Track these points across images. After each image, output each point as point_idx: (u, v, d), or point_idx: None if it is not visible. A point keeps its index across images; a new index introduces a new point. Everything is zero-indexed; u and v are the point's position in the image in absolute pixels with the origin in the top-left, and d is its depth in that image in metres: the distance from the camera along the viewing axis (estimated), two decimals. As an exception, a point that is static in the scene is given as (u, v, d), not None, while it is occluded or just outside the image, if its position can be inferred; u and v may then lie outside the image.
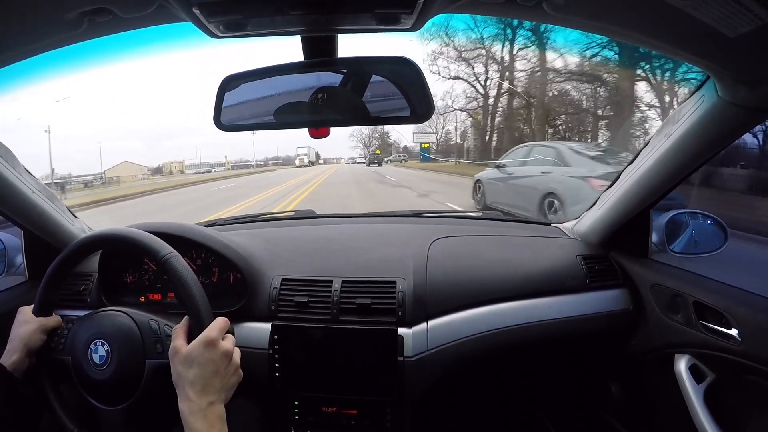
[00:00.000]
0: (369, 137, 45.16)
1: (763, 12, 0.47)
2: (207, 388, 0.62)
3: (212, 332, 0.65)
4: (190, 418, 0.60)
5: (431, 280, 1.01)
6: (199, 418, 0.60)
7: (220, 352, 0.65)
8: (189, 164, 38.81)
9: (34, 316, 0.77)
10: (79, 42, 0.61)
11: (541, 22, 0.60)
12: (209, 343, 0.64)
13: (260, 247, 1.11)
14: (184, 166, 37.86)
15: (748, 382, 0.84)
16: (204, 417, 0.61)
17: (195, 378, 0.62)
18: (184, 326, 0.69)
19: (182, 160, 38.44)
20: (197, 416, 0.60)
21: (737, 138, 0.80)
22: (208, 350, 0.64)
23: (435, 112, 1.49)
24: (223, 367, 0.65)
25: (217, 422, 0.62)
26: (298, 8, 0.55)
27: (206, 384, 0.63)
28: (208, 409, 0.62)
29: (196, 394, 0.62)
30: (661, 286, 1.01)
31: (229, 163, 42.64)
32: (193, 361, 0.63)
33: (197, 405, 0.61)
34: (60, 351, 0.77)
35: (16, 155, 0.94)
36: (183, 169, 36.91)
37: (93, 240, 0.78)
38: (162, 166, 36.75)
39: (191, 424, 0.60)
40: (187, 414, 0.61)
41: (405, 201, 9.00)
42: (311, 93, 0.68)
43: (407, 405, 0.96)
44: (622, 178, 1.05)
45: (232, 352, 0.67)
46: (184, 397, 0.62)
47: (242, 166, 45.53)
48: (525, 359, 1.20)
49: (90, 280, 1.07)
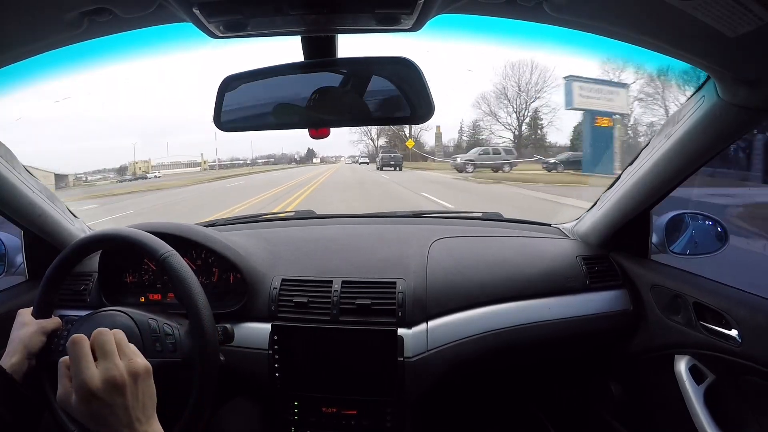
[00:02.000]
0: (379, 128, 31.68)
1: (763, 12, 0.47)
2: (107, 423, 0.52)
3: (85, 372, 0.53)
4: None
5: (431, 280, 1.01)
6: None
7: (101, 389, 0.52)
8: (157, 164, 31.48)
9: (34, 318, 0.77)
10: (79, 42, 0.61)
11: (542, 23, 0.60)
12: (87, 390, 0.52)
13: (260, 247, 1.11)
14: (150, 165, 30.42)
15: (748, 382, 0.84)
16: None
17: (94, 418, 0.53)
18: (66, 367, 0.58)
19: (148, 159, 31.10)
20: None
21: (737, 138, 0.80)
22: (88, 400, 0.53)
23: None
24: (116, 399, 0.53)
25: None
26: (298, 8, 0.55)
27: (105, 423, 0.52)
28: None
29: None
30: (661, 287, 1.01)
31: (206, 163, 35.49)
32: (78, 409, 0.53)
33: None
34: (60, 352, 0.77)
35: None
36: (149, 169, 29.72)
37: (92, 240, 0.78)
38: (126, 166, 29.29)
39: None
40: None
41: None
42: (311, 93, 0.68)
43: (407, 405, 0.96)
44: (622, 179, 1.05)
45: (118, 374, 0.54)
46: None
47: (227, 165, 39.12)
48: (525, 360, 1.20)
49: (90, 280, 1.07)
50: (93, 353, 0.56)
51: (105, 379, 0.53)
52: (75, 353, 0.55)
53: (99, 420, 0.53)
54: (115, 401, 0.53)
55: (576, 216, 1.30)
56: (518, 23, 0.62)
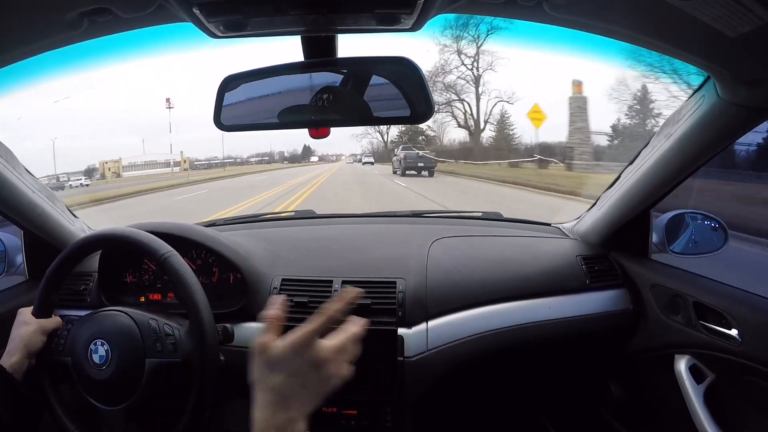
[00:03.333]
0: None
1: (763, 12, 0.47)
2: (289, 402, 0.51)
3: (306, 334, 0.52)
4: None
5: (431, 280, 1.01)
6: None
7: (313, 360, 0.51)
8: (129, 164, 25.65)
9: (34, 318, 0.77)
10: (79, 42, 0.62)
11: (541, 23, 0.60)
12: (301, 347, 0.51)
13: (260, 247, 1.11)
14: (121, 166, 25.23)
15: (748, 382, 0.84)
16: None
17: (279, 387, 0.51)
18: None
19: (119, 158, 25.58)
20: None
21: (737, 138, 0.80)
22: (299, 357, 0.51)
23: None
24: (315, 378, 0.52)
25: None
26: (298, 8, 0.55)
27: (289, 396, 0.51)
28: (286, 427, 0.50)
29: (274, 406, 0.50)
30: (661, 287, 1.01)
31: (187, 162, 29.34)
32: (279, 366, 0.51)
33: (273, 421, 0.50)
34: (60, 351, 0.77)
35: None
36: (119, 170, 25.18)
37: (92, 240, 0.78)
38: (95, 168, 24.46)
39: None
40: (258, 429, 0.50)
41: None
42: (311, 93, 0.68)
43: (407, 405, 0.96)
44: (622, 179, 1.05)
45: (331, 358, 0.53)
46: (261, 405, 0.51)
47: (217, 164, 33.34)
48: (525, 359, 1.20)
49: (90, 280, 1.07)
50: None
51: (320, 357, 0.52)
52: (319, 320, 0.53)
53: (293, 378, 0.51)
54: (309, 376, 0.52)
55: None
56: (518, 23, 0.62)
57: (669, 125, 0.88)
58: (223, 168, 32.02)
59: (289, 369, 0.51)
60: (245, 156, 40.25)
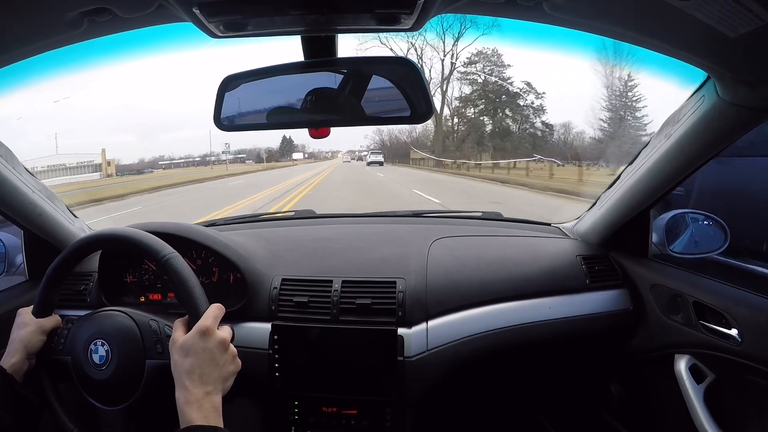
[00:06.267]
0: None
1: (763, 12, 0.47)
2: (203, 378, 0.62)
3: (207, 321, 0.66)
4: (185, 407, 0.60)
5: (431, 280, 1.01)
6: (194, 409, 0.60)
7: (216, 341, 0.65)
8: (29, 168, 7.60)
9: (34, 318, 0.77)
10: (79, 42, 0.62)
11: (541, 23, 0.60)
12: (204, 332, 0.64)
13: (260, 247, 1.11)
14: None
15: (748, 382, 0.84)
16: (199, 407, 0.60)
17: (191, 367, 0.63)
18: (185, 319, 0.69)
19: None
20: (192, 406, 0.60)
21: (738, 138, 0.80)
22: (204, 339, 0.64)
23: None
24: (220, 355, 0.65)
25: (212, 413, 0.61)
26: (298, 8, 0.55)
27: (202, 373, 0.63)
28: (204, 399, 0.61)
29: (192, 383, 0.62)
30: (661, 287, 1.01)
31: (111, 165, 23.84)
32: (189, 350, 0.63)
33: (193, 395, 0.61)
34: (60, 351, 0.77)
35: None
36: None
37: (92, 240, 0.78)
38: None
39: (186, 414, 0.60)
40: (183, 403, 0.61)
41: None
42: (311, 93, 0.68)
43: (407, 405, 0.96)
44: (622, 179, 1.05)
45: (228, 341, 0.67)
46: (181, 385, 0.62)
47: (199, 163, 27.51)
48: (525, 359, 1.20)
49: (90, 280, 1.07)
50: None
51: (221, 338, 0.67)
52: (212, 311, 0.68)
53: (201, 358, 0.64)
54: (215, 354, 0.65)
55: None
56: (518, 23, 0.62)
57: (669, 125, 0.88)
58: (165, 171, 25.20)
59: (197, 351, 0.64)
60: (177, 157, 31.29)
